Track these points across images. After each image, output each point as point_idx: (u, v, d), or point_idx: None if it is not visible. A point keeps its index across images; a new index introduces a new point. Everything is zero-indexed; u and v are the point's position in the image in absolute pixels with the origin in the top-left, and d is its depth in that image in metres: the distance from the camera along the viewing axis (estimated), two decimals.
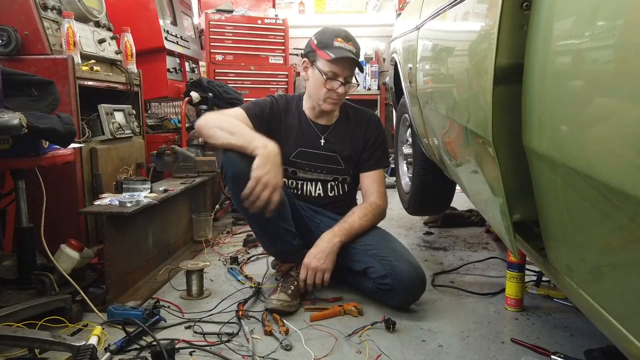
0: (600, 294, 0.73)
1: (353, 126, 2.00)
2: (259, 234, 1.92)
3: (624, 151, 0.60)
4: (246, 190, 1.59)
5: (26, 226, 1.72)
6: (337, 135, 1.99)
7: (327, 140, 1.99)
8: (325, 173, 1.99)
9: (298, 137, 1.97)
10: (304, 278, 1.77)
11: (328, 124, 2.00)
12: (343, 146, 1.98)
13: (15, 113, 1.39)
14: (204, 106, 3.09)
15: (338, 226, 1.83)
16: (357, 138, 1.99)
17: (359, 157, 1.99)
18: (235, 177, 1.71)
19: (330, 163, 1.99)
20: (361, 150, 1.98)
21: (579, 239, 0.78)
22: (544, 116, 0.79)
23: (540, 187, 0.85)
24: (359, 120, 2.01)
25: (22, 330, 1.39)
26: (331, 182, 2.01)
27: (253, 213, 1.69)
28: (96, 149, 2.21)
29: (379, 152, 1.99)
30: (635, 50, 0.57)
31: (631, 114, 0.58)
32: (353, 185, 2.06)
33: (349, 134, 1.99)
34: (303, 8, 5.45)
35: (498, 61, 0.86)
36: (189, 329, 1.59)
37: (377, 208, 1.91)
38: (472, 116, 1.05)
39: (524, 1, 0.84)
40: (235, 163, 1.70)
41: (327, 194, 2.01)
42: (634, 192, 0.57)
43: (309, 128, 1.99)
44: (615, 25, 0.63)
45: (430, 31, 1.70)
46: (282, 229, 1.82)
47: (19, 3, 2.01)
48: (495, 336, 1.55)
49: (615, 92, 0.62)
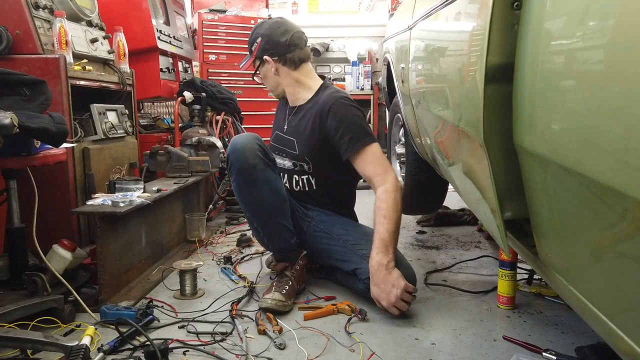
0: (590, 291, 0.74)
1: (314, 109, 1.92)
2: (258, 230, 1.90)
3: (614, 149, 0.61)
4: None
5: (18, 226, 1.71)
6: (297, 118, 2.00)
7: (289, 123, 2.02)
8: (286, 158, 1.99)
9: (277, 118, 2.12)
10: (399, 313, 1.65)
11: (293, 105, 2.04)
12: (299, 130, 1.96)
13: (7, 112, 1.38)
14: (197, 106, 3.08)
15: (374, 250, 1.70)
16: (315, 124, 1.89)
17: (326, 146, 1.89)
18: (242, 170, 1.73)
19: (289, 147, 1.99)
20: (326, 138, 1.87)
21: (570, 236, 0.79)
22: (534, 115, 0.80)
23: (531, 185, 0.86)
24: (319, 105, 1.90)
25: (14, 331, 1.38)
26: (295, 176, 2.00)
27: (255, 207, 1.71)
28: (89, 148, 2.20)
29: (348, 135, 1.81)
30: (625, 50, 0.58)
31: (621, 112, 0.59)
32: (322, 182, 1.98)
33: (309, 118, 1.93)
34: (296, 8, 5.47)
35: (489, 60, 0.87)
36: (183, 328, 1.59)
37: (387, 197, 1.74)
38: (463, 115, 1.06)
39: (515, 1, 0.85)
40: (244, 156, 1.72)
41: (292, 187, 1.99)
42: (624, 189, 0.58)
43: (283, 110, 2.09)
44: (606, 25, 0.63)
45: (423, 31, 1.71)
46: (282, 227, 1.83)
47: (10, 2, 1.99)
48: (488, 334, 1.56)
49: (606, 90, 0.63)
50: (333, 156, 1.89)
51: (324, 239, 1.91)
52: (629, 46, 0.57)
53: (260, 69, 2.02)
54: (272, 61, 1.96)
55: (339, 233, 1.90)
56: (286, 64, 1.97)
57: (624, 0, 0.59)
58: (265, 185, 1.78)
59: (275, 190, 1.80)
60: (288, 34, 1.96)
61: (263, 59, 1.97)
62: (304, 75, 2.01)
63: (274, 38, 1.95)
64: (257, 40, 1.97)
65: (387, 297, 1.64)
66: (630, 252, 0.63)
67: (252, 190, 1.77)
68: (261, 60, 1.98)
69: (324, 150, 1.91)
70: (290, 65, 1.97)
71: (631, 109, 0.56)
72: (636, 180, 0.56)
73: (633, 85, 0.56)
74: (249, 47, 2.02)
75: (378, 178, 1.79)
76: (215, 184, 3.12)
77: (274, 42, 1.95)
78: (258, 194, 1.77)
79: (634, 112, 0.56)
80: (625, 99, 0.58)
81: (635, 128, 0.56)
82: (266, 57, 1.96)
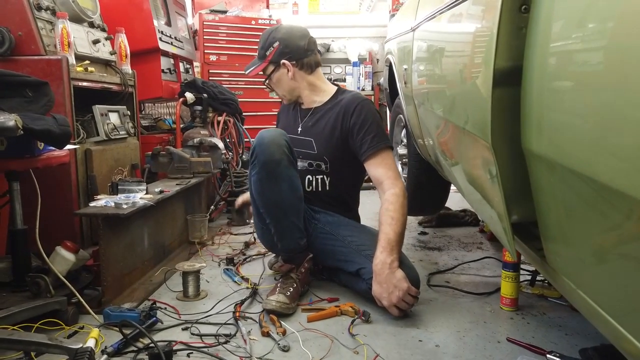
0: (599, 295, 0.74)
1: (336, 110, 1.96)
2: (269, 228, 1.87)
3: (624, 152, 0.61)
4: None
5: (21, 228, 1.70)
6: (314, 118, 2.01)
7: (304, 124, 2.03)
8: (301, 158, 1.99)
9: (284, 122, 2.14)
10: (400, 314, 1.66)
11: (309, 107, 2.05)
12: (318, 129, 1.98)
13: (11, 115, 1.38)
14: (199, 107, 3.08)
15: (379, 249, 1.71)
16: (337, 123, 1.93)
17: (345, 145, 1.93)
18: (266, 164, 1.73)
19: (305, 148, 2.00)
20: (347, 137, 1.91)
21: (579, 241, 0.79)
22: (543, 118, 0.80)
23: (539, 189, 0.86)
24: (343, 104, 1.95)
25: (18, 333, 1.38)
26: (309, 176, 2.01)
27: (272, 203, 1.76)
28: (91, 150, 2.20)
29: (372, 134, 1.86)
30: (635, 53, 0.58)
31: (630, 115, 0.59)
32: (335, 183, 2.01)
33: (329, 117, 1.97)
34: (297, 9, 5.46)
35: (497, 64, 0.87)
36: (186, 330, 1.59)
37: (396, 200, 1.76)
38: (470, 118, 1.06)
39: (522, 4, 0.85)
40: (270, 150, 1.73)
41: (304, 188, 1.97)
42: (635, 193, 0.58)
43: (294, 113, 2.10)
44: (615, 28, 0.63)
45: (427, 33, 1.71)
46: (295, 226, 1.83)
47: (12, 3, 1.99)
48: (491, 336, 1.56)
49: (614, 94, 0.63)
50: (349, 157, 1.95)
51: (329, 240, 1.91)
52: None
53: (274, 73, 2.00)
54: (291, 65, 1.96)
55: (345, 234, 1.90)
56: (303, 68, 1.99)
57: (634, 3, 0.59)
58: (286, 182, 1.77)
59: (294, 189, 1.80)
60: (305, 38, 1.98)
61: (280, 63, 1.97)
62: (318, 79, 2.05)
63: (293, 42, 1.96)
64: (274, 44, 1.96)
65: (389, 297, 1.64)
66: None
67: (273, 186, 1.76)
68: (276, 64, 1.98)
69: (341, 150, 1.95)
70: (307, 69, 2.00)
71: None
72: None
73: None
74: (262, 52, 2.00)
75: (389, 181, 1.82)
76: (216, 185, 3.12)
77: (293, 46, 1.96)
78: (277, 190, 1.76)
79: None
80: (636, 102, 0.58)
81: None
82: (284, 61, 1.96)
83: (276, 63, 1.98)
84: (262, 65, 2.00)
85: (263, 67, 2.00)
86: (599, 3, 0.68)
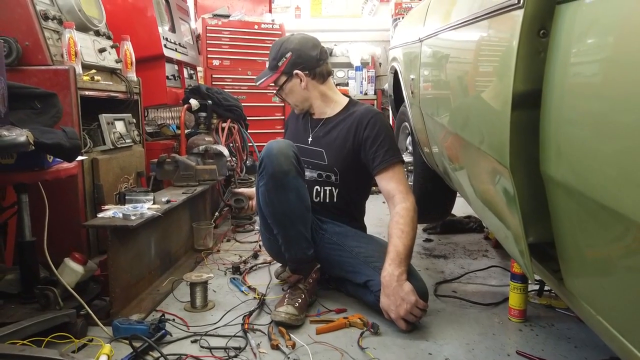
0: (621, 323, 0.74)
1: (349, 122, 1.97)
2: (276, 238, 1.87)
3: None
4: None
5: (29, 240, 1.70)
6: (325, 129, 2.01)
7: (315, 135, 2.03)
8: (310, 168, 1.99)
9: (293, 131, 2.14)
10: (407, 327, 1.66)
11: (320, 117, 2.05)
12: (329, 140, 1.98)
13: (22, 130, 1.37)
14: (203, 113, 3.07)
15: (387, 261, 1.71)
16: (350, 134, 1.94)
17: (356, 158, 1.94)
18: (274, 174, 1.73)
19: (315, 158, 2.00)
20: (359, 149, 1.93)
21: (599, 268, 0.79)
22: (562, 144, 0.80)
23: (557, 214, 0.86)
24: (357, 116, 1.96)
25: (29, 349, 1.37)
26: (317, 187, 2.01)
27: (279, 213, 1.76)
28: (97, 159, 2.19)
29: (384, 148, 1.88)
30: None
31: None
32: (343, 195, 2.01)
33: (341, 129, 1.97)
34: (299, 12, 5.45)
35: (515, 87, 0.87)
36: (195, 342, 1.59)
37: (407, 214, 1.79)
38: (486, 138, 1.06)
39: (541, 29, 0.85)
40: (278, 161, 1.73)
41: (312, 199, 1.97)
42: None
43: (304, 122, 2.10)
44: (634, 54, 0.63)
45: (437, 47, 1.70)
46: (302, 236, 1.82)
47: (19, 13, 1.99)
48: (501, 348, 1.56)
49: (637, 121, 0.63)
50: (360, 169, 1.96)
51: (337, 250, 1.91)
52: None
53: (287, 84, 2.00)
54: (304, 75, 1.97)
55: (352, 245, 1.90)
56: (315, 77, 1.99)
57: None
58: (294, 192, 1.77)
59: (302, 199, 1.80)
60: (317, 48, 1.99)
61: (293, 73, 1.97)
62: (330, 89, 2.05)
63: (306, 52, 1.96)
64: (287, 55, 1.95)
65: (397, 310, 1.64)
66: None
67: (280, 196, 1.76)
68: (289, 75, 1.98)
69: (352, 162, 1.96)
70: (319, 79, 2.00)
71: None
72: None
73: None
74: (274, 63, 1.99)
75: (400, 195, 1.84)
76: (220, 191, 3.12)
77: (305, 57, 1.96)
78: (285, 200, 1.76)
79: None
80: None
81: None
82: (297, 71, 1.96)
83: (289, 73, 1.97)
84: (275, 76, 1.99)
85: (275, 78, 2.00)
86: (618, 30, 0.68)
